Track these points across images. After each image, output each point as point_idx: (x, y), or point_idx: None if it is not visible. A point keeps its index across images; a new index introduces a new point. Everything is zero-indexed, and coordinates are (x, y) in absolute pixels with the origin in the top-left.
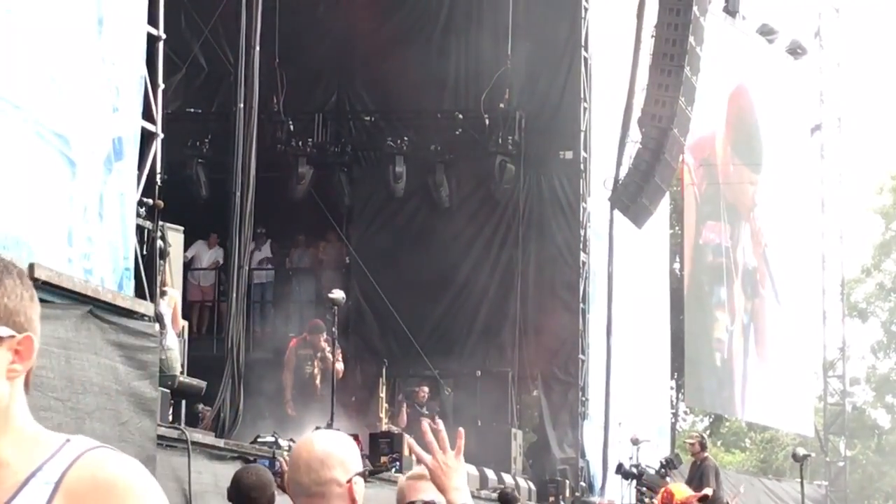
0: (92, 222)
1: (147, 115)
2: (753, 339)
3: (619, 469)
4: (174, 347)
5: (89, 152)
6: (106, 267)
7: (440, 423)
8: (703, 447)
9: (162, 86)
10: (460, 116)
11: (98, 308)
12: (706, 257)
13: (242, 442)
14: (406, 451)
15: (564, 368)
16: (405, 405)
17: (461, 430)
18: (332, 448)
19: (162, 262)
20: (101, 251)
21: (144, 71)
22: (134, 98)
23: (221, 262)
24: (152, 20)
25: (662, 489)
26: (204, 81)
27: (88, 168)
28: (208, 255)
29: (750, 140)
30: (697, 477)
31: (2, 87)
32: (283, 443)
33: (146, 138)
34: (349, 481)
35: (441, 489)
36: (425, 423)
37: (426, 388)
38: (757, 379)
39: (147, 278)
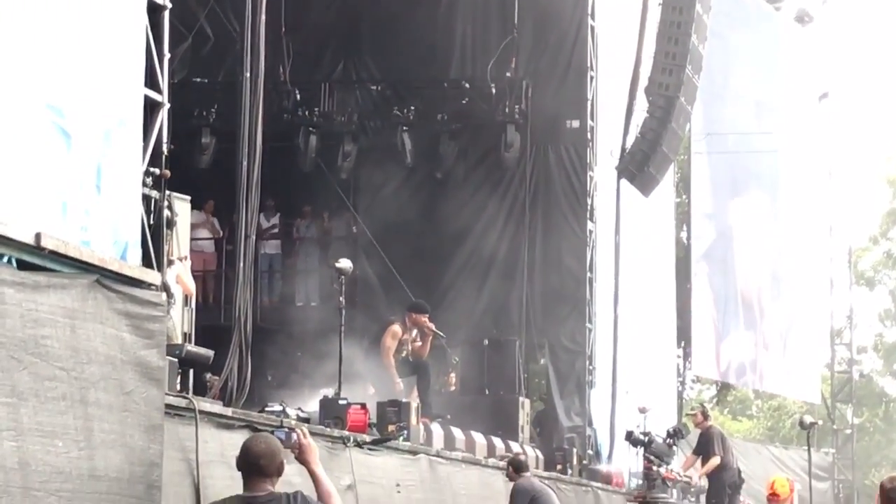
0: (89, 195)
1: (153, 84)
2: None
3: (629, 436)
4: (174, 317)
5: (86, 124)
6: (106, 239)
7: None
8: (706, 416)
9: (168, 55)
10: (467, 86)
11: (105, 277)
12: None
13: (250, 411)
14: (413, 420)
15: (571, 337)
16: None
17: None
18: None
19: (169, 231)
20: (100, 224)
21: (148, 40)
22: (137, 68)
23: (221, 231)
24: None
25: (782, 482)
26: (210, 51)
27: (85, 140)
28: (207, 224)
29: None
30: (703, 446)
31: None
32: (291, 412)
33: (152, 108)
34: None
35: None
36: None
37: None
38: (763, 346)
39: (154, 248)
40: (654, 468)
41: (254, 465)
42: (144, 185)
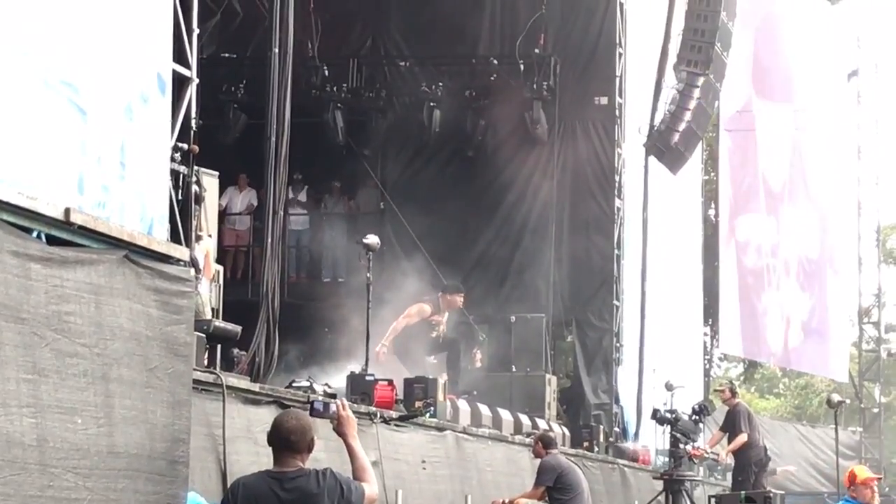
0: (109, 171)
1: (182, 60)
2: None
3: (655, 415)
4: (203, 292)
5: (104, 100)
6: (132, 215)
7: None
8: (734, 393)
9: (197, 31)
10: (495, 62)
11: (134, 253)
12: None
13: (277, 387)
14: (440, 396)
15: (599, 314)
16: None
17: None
18: None
19: (197, 207)
20: (121, 200)
21: (176, 15)
22: (164, 43)
23: (255, 204)
24: None
25: (848, 470)
26: (239, 26)
27: (103, 116)
28: (240, 199)
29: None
30: (730, 423)
31: (8, 33)
32: (318, 387)
33: (181, 83)
34: None
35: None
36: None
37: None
38: (792, 324)
39: (182, 223)
40: (681, 446)
41: (284, 441)
42: (173, 160)
